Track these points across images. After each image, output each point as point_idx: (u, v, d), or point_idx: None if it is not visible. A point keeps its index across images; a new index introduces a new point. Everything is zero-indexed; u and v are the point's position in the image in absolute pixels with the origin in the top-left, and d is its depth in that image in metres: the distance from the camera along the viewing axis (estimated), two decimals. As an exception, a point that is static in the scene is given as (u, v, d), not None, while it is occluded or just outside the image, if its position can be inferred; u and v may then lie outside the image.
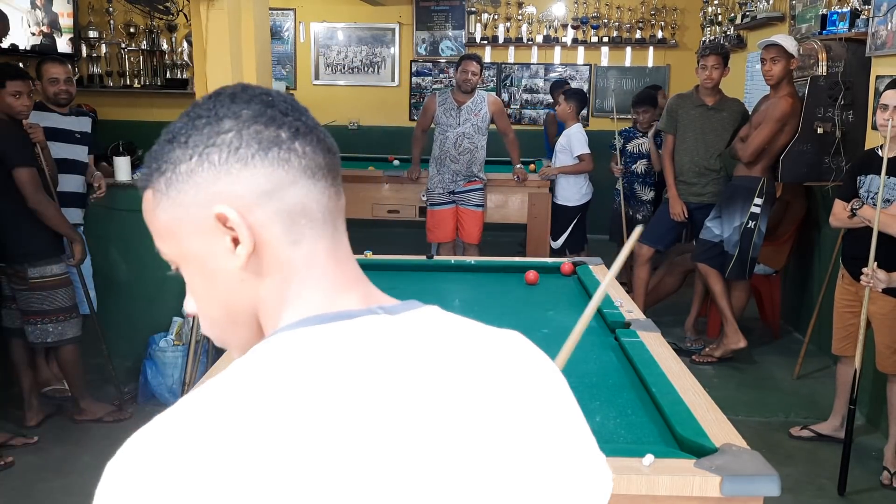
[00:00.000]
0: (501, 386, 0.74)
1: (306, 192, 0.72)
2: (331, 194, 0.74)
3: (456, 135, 5.16)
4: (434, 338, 0.75)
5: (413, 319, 0.76)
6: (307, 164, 0.72)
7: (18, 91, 3.45)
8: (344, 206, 0.78)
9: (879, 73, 3.80)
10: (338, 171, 0.76)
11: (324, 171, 0.74)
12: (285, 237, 0.73)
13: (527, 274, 3.15)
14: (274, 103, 0.73)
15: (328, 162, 0.74)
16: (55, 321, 3.63)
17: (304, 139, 0.73)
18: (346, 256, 0.77)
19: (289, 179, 0.72)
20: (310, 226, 0.73)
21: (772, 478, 1.47)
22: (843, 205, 3.33)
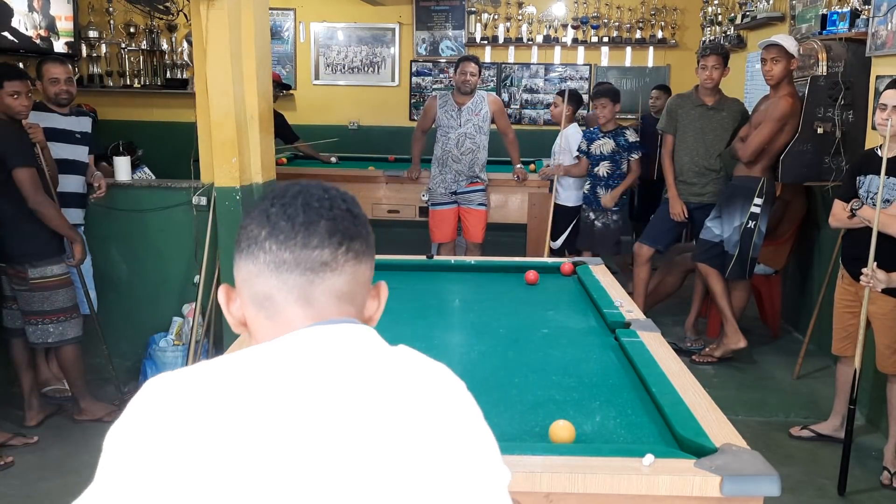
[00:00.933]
0: (404, 408, 0.85)
1: (268, 284, 0.89)
2: (297, 283, 0.89)
3: (458, 135, 5.16)
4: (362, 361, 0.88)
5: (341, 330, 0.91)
6: (272, 260, 0.89)
7: (17, 91, 3.45)
8: (333, 282, 0.90)
9: (879, 73, 3.80)
10: (318, 260, 0.89)
11: (290, 265, 0.89)
12: (259, 314, 0.91)
13: (527, 274, 3.15)
14: (285, 202, 0.91)
15: (300, 257, 0.89)
16: (56, 321, 3.63)
17: (276, 238, 0.89)
18: (325, 313, 0.90)
19: (256, 271, 0.90)
20: (275, 308, 0.90)
21: (772, 478, 1.47)
22: (843, 205, 3.33)
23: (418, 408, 0.85)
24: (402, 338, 2.56)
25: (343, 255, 0.90)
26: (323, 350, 0.86)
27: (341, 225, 0.91)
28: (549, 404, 1.92)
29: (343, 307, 0.92)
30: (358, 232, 0.93)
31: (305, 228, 0.89)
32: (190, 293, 4.25)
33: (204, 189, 4.15)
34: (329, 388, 0.83)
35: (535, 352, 2.34)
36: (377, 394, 0.84)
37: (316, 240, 0.89)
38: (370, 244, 0.96)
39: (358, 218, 0.94)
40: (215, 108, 3.96)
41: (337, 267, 0.90)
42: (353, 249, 0.91)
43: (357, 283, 0.93)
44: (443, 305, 2.97)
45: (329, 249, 0.89)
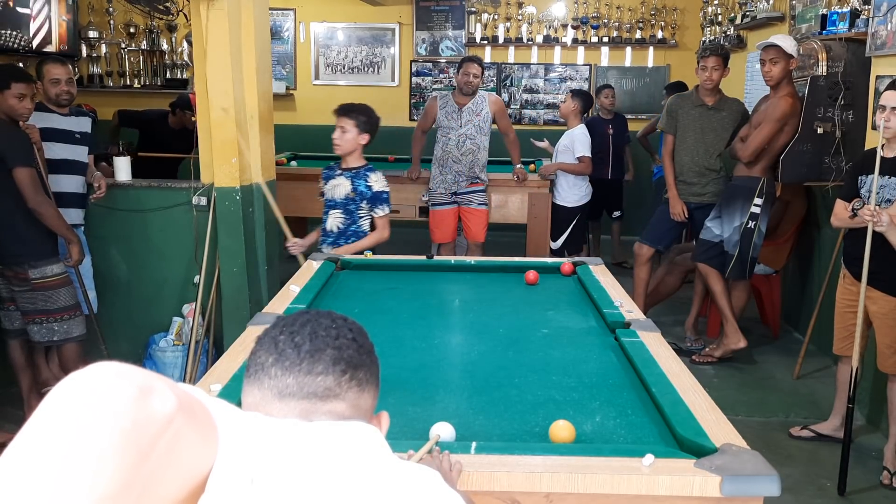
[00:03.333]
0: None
1: (269, 408, 0.91)
2: (301, 406, 0.91)
3: (458, 136, 5.15)
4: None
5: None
6: (276, 385, 0.91)
7: (22, 93, 3.46)
8: (333, 407, 0.92)
9: (879, 73, 3.80)
10: (321, 385, 0.91)
11: (293, 390, 0.91)
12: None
13: (527, 274, 3.14)
14: (294, 330, 0.94)
15: (303, 382, 0.91)
16: (60, 320, 3.64)
17: (282, 364, 0.92)
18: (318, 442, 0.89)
19: (261, 397, 0.92)
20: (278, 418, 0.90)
21: (772, 478, 1.47)
22: (845, 205, 3.33)
23: None
24: (402, 338, 2.57)
25: (346, 383, 0.93)
26: (325, 443, 0.87)
27: (346, 354, 0.94)
28: (549, 404, 1.92)
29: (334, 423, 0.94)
30: (362, 361, 0.96)
31: (311, 356, 0.92)
32: (190, 293, 4.25)
33: (204, 189, 4.15)
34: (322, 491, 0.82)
35: (535, 352, 2.34)
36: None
37: (320, 367, 0.92)
38: (374, 374, 0.98)
39: (363, 348, 0.97)
40: (215, 108, 3.96)
41: (340, 393, 0.92)
42: (356, 378, 0.94)
43: (359, 410, 0.95)
44: (443, 305, 2.97)
45: (333, 377, 0.92)
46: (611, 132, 6.67)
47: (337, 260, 3.29)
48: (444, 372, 2.20)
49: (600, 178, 6.65)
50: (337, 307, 2.71)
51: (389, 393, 1.92)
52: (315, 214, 6.15)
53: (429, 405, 1.91)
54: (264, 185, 4.22)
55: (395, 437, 1.69)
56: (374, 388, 0.98)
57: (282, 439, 0.85)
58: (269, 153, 4.34)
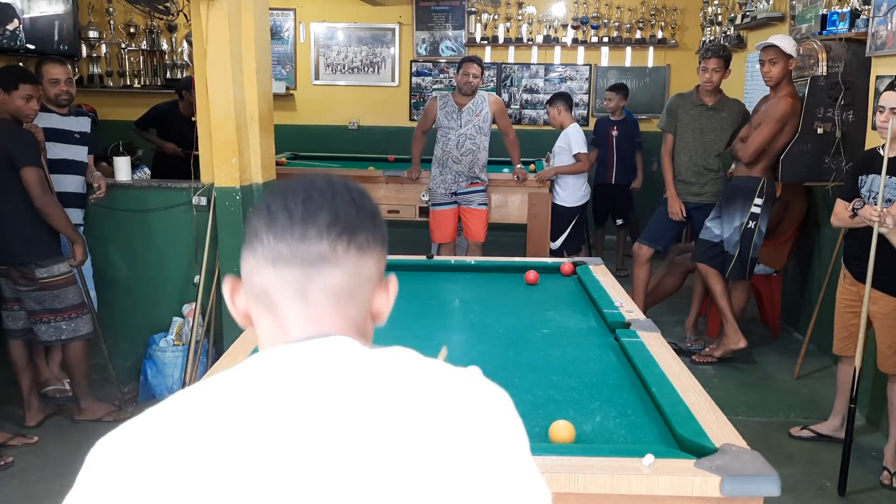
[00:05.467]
0: (430, 433, 0.80)
1: (266, 278, 0.87)
2: (295, 277, 0.86)
3: (458, 136, 5.15)
4: (387, 377, 0.84)
5: (379, 357, 0.86)
6: (268, 253, 0.86)
7: (29, 95, 3.48)
8: (331, 277, 0.86)
9: (879, 73, 3.80)
10: (315, 253, 0.86)
11: (286, 259, 0.86)
12: (260, 309, 0.89)
13: (527, 274, 3.15)
14: (287, 195, 0.88)
15: (297, 250, 0.86)
16: (68, 318, 3.65)
17: (274, 231, 0.86)
18: (320, 321, 0.87)
19: (255, 265, 0.88)
20: (274, 303, 0.87)
21: (772, 478, 1.47)
22: (845, 204, 3.33)
23: (413, 428, 0.80)
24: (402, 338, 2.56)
25: (343, 249, 0.86)
26: (304, 375, 0.82)
27: (342, 216, 0.87)
28: (549, 404, 1.92)
29: (342, 306, 0.88)
30: (362, 223, 0.89)
31: (303, 221, 0.86)
32: (190, 293, 4.25)
33: (204, 189, 4.15)
34: (313, 416, 0.79)
35: (535, 352, 2.34)
36: (367, 418, 0.79)
37: (313, 231, 0.86)
38: (378, 237, 0.91)
39: (363, 209, 0.90)
40: (215, 108, 3.97)
41: (336, 261, 0.86)
42: (355, 242, 0.87)
43: (360, 277, 0.88)
44: (443, 305, 2.97)
45: (327, 242, 0.86)
46: (615, 133, 6.53)
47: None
48: (444, 372, 2.19)
49: (604, 182, 6.63)
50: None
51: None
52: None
53: (429, 405, 1.90)
54: (264, 185, 4.22)
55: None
56: (379, 253, 0.91)
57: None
58: (269, 153, 4.33)
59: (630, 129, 6.63)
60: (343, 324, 0.88)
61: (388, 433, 0.78)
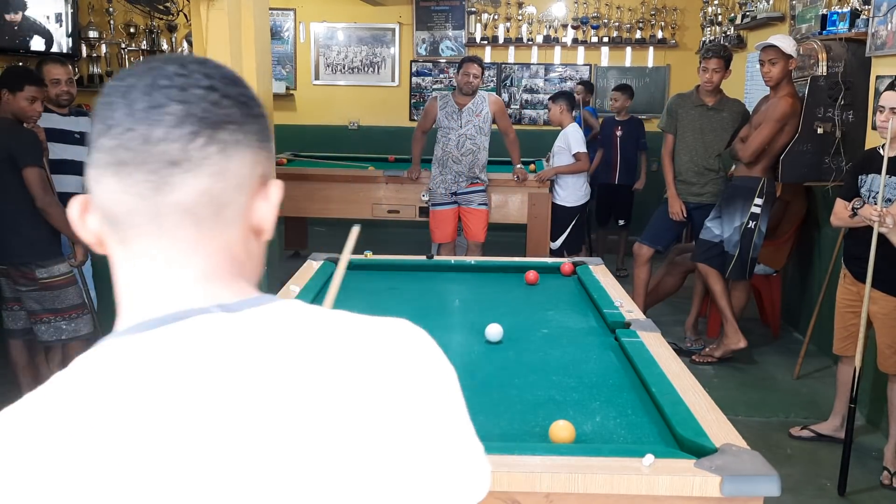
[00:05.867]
0: (339, 388, 0.68)
1: (108, 191, 0.70)
2: (141, 191, 0.68)
3: (458, 136, 5.15)
4: (272, 338, 0.69)
5: (254, 317, 0.70)
6: (110, 161, 0.69)
7: (34, 97, 3.49)
8: (187, 189, 0.69)
9: (879, 73, 3.80)
10: (164, 157, 0.68)
11: (131, 167, 0.68)
12: (112, 236, 0.72)
13: (527, 274, 3.15)
14: (128, 85, 0.70)
15: (142, 154, 0.68)
16: (69, 318, 3.66)
17: (112, 132, 0.68)
18: (185, 256, 0.71)
19: (96, 177, 0.70)
20: (123, 226, 0.70)
21: (772, 478, 1.47)
22: (845, 204, 3.33)
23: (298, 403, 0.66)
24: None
25: (199, 150, 0.68)
26: (169, 367, 0.67)
27: (197, 108, 0.69)
28: (549, 404, 1.92)
29: (208, 229, 0.71)
30: (227, 117, 0.70)
31: (147, 116, 0.68)
32: (190, 293, 4.24)
33: (204, 189, 4.15)
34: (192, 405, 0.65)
35: (535, 352, 2.34)
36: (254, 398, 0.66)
37: (161, 130, 0.68)
38: (251, 133, 0.73)
39: (228, 98, 0.71)
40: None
41: (192, 166, 0.68)
42: (217, 141, 0.69)
43: (228, 185, 0.71)
44: (443, 305, 2.97)
45: (178, 143, 0.68)
46: (619, 134, 6.51)
47: (337, 260, 3.29)
48: (444, 372, 2.19)
49: (607, 182, 6.62)
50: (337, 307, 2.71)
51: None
52: (314, 214, 6.18)
53: (429, 405, 1.90)
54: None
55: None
56: (254, 153, 0.73)
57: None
58: (269, 153, 4.34)
59: (635, 129, 6.59)
60: (213, 259, 0.72)
61: (279, 412, 0.65)
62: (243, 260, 0.75)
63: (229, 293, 0.72)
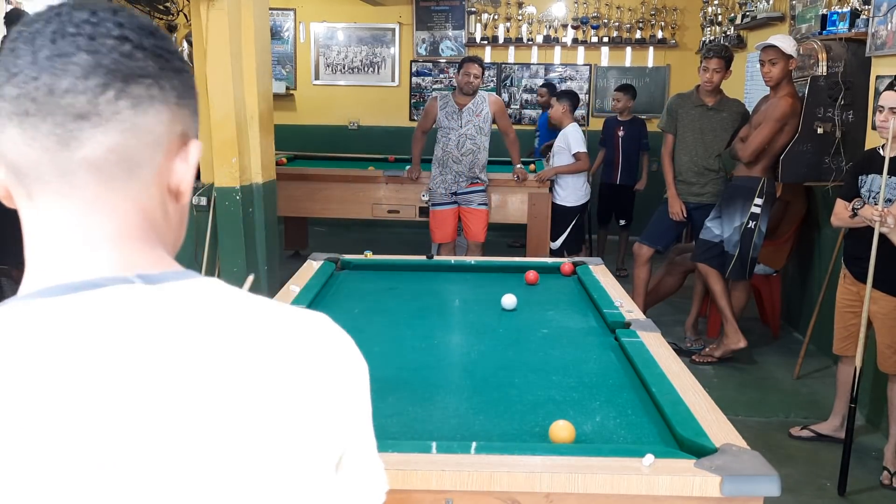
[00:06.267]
0: (241, 377, 0.65)
1: (11, 143, 0.65)
2: (46, 144, 0.65)
3: (458, 136, 5.15)
4: (190, 314, 0.67)
5: (175, 291, 0.68)
6: (13, 111, 0.65)
7: None
8: (95, 144, 0.65)
9: (879, 73, 3.80)
10: (70, 111, 0.64)
11: (35, 119, 0.64)
12: (18, 189, 0.68)
13: (527, 274, 3.14)
14: (34, 31, 0.66)
15: (47, 106, 0.64)
16: None
17: (15, 79, 0.64)
18: (98, 215, 0.67)
19: (0, 127, 0.66)
20: (28, 180, 0.66)
21: (772, 478, 1.47)
22: (845, 204, 3.33)
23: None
24: (402, 338, 2.58)
25: (109, 104, 0.65)
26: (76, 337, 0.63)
27: (108, 59, 0.65)
28: (549, 404, 1.92)
29: (119, 187, 0.67)
30: (140, 69, 0.66)
31: (52, 65, 0.64)
32: (190, 293, 4.25)
33: (204, 189, 4.15)
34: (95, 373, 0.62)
35: (535, 352, 2.34)
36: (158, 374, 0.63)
37: (67, 81, 0.64)
38: (171, 87, 0.69)
39: (141, 49, 0.67)
40: (215, 108, 3.97)
41: (101, 121, 0.65)
42: (127, 95, 0.65)
43: (140, 143, 0.67)
44: (443, 305, 2.97)
45: (86, 96, 0.64)
46: (621, 134, 6.50)
47: (337, 260, 3.29)
48: (444, 372, 2.20)
49: (608, 182, 6.63)
50: (337, 307, 2.71)
51: (389, 393, 1.92)
52: (315, 214, 6.19)
53: (429, 405, 1.91)
54: (264, 186, 4.21)
55: (395, 437, 1.70)
56: (171, 109, 0.69)
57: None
58: (269, 153, 4.34)
59: (637, 130, 6.57)
60: (126, 220, 0.69)
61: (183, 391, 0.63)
62: (160, 223, 0.71)
63: (147, 261, 0.69)
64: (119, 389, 0.62)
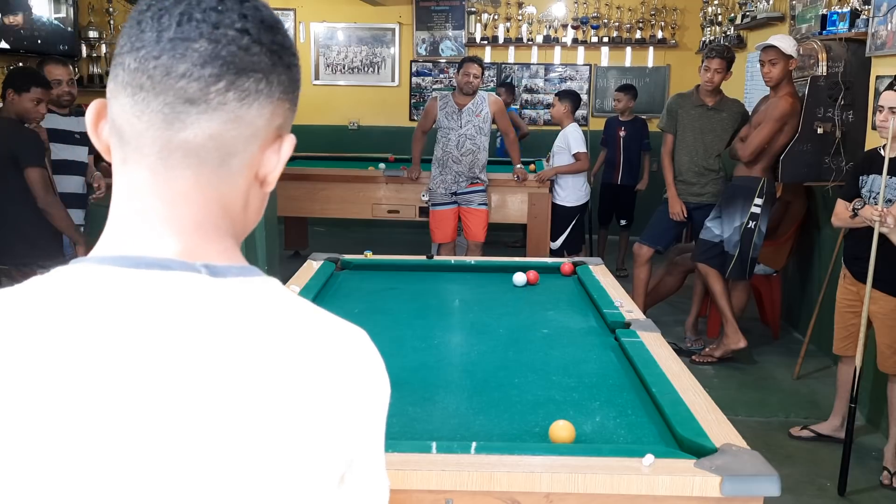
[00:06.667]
0: (275, 379, 0.67)
1: (121, 110, 0.69)
2: (152, 120, 0.68)
3: (458, 136, 5.16)
4: (245, 313, 0.69)
5: (236, 288, 0.70)
6: (129, 81, 0.68)
7: (39, 98, 3.49)
8: (199, 129, 0.68)
9: (879, 73, 3.80)
10: (181, 94, 0.67)
11: (148, 93, 0.67)
12: (117, 151, 0.71)
13: (527, 273, 3.14)
14: (163, 8, 0.68)
15: (161, 85, 0.67)
16: None
17: (137, 53, 0.67)
18: (182, 198, 0.70)
19: (114, 91, 0.69)
20: (128, 148, 0.70)
21: (772, 478, 1.47)
22: (845, 204, 3.33)
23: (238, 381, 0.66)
24: (402, 338, 2.58)
25: (218, 94, 0.67)
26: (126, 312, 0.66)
27: (226, 50, 0.67)
28: (549, 404, 1.92)
29: (209, 173, 0.70)
30: (253, 64, 0.68)
31: (174, 48, 0.66)
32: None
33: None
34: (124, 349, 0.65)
35: (535, 352, 2.34)
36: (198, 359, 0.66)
37: (184, 66, 0.66)
38: (278, 82, 0.71)
39: (259, 45, 0.69)
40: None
41: (207, 108, 0.67)
42: (237, 87, 0.68)
43: (240, 134, 0.69)
44: (443, 305, 2.97)
45: (198, 83, 0.67)
46: (622, 134, 6.49)
47: (337, 260, 3.29)
48: (444, 372, 2.20)
49: (609, 182, 6.62)
50: (337, 307, 2.71)
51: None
52: (314, 214, 6.19)
53: (429, 405, 1.91)
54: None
55: (394, 437, 1.70)
56: (276, 104, 0.71)
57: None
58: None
59: (639, 130, 6.55)
60: (206, 208, 0.71)
61: (220, 379, 0.66)
62: (237, 213, 0.74)
63: (215, 251, 0.71)
64: (162, 372, 0.65)
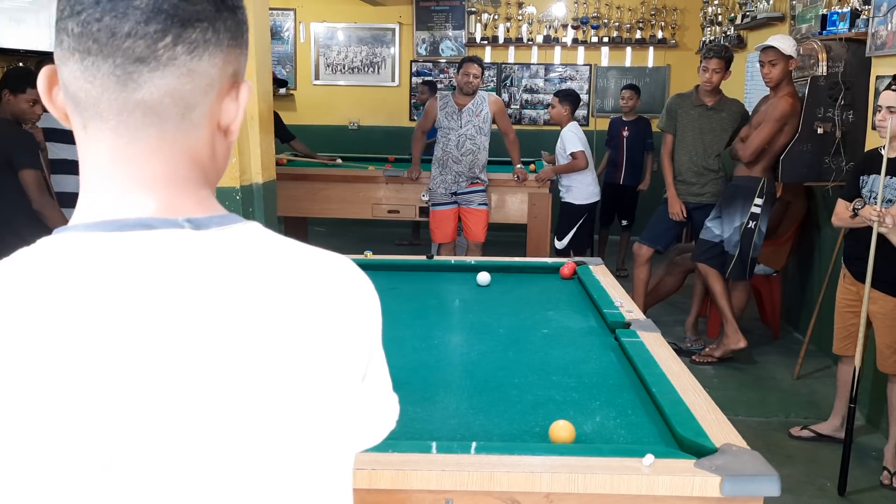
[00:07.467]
0: (279, 312, 0.70)
1: (72, 76, 0.68)
2: (106, 83, 0.67)
3: (458, 136, 5.15)
4: (235, 260, 0.71)
5: (220, 237, 0.72)
6: (75, 47, 0.67)
7: (35, 100, 3.49)
8: (153, 87, 0.68)
9: (879, 73, 3.80)
10: (130, 54, 0.66)
11: (96, 57, 0.66)
12: (76, 118, 0.70)
13: (561, 269, 3.18)
14: None
15: (108, 47, 0.66)
16: None
17: (78, 17, 0.66)
18: (150, 156, 0.70)
19: (62, 58, 0.68)
20: (86, 114, 0.69)
21: (772, 478, 1.47)
22: (846, 205, 3.33)
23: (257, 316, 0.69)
24: (402, 338, 2.57)
25: (167, 49, 0.67)
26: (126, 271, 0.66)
27: (167, 4, 0.66)
28: (549, 404, 1.92)
29: (168, 133, 0.70)
30: (197, 13, 0.67)
31: (114, 7, 0.65)
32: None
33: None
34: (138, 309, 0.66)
35: (535, 352, 2.34)
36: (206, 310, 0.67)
37: (128, 25, 0.65)
38: (225, 28, 0.70)
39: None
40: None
41: (158, 65, 0.67)
42: (185, 40, 0.67)
43: (195, 86, 0.69)
44: (443, 305, 2.97)
45: (145, 41, 0.66)
46: (626, 134, 6.48)
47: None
48: (444, 372, 2.20)
49: (612, 182, 6.62)
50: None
51: (389, 393, 1.92)
52: (314, 214, 6.19)
53: (429, 405, 1.91)
54: (264, 186, 4.21)
55: (393, 437, 1.69)
56: (226, 52, 0.70)
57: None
58: (269, 153, 4.33)
59: (642, 130, 6.54)
60: (175, 162, 0.71)
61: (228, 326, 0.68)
62: (206, 163, 0.74)
63: (193, 203, 0.73)
64: (164, 329, 0.65)
